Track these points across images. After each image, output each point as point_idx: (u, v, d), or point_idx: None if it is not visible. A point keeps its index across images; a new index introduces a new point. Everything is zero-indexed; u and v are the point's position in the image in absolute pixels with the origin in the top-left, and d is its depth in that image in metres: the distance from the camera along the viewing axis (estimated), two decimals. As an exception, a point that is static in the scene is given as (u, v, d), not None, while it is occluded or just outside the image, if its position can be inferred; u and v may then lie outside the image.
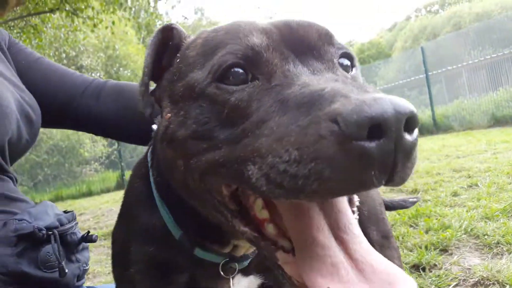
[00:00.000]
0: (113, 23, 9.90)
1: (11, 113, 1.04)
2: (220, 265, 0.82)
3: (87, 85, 1.34)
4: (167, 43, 0.77)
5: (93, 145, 16.56)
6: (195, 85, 0.64)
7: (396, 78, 20.25)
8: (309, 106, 0.51)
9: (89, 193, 12.70)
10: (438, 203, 3.52)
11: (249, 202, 0.64)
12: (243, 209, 0.65)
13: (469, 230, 2.62)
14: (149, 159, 0.89)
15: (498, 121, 11.23)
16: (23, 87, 1.20)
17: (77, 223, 1.19)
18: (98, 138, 15.92)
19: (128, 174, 13.51)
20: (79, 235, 1.17)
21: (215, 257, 0.82)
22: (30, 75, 1.28)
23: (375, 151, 0.45)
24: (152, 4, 11.45)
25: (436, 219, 3.02)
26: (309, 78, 0.57)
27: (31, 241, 0.99)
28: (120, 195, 1.01)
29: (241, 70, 0.60)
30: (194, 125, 0.63)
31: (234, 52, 0.61)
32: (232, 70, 0.61)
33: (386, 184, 0.48)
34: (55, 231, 1.04)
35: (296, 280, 0.55)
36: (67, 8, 8.73)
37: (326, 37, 0.65)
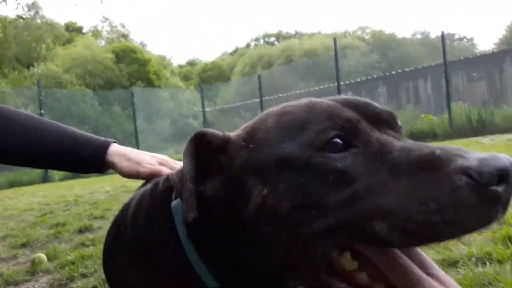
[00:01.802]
0: None
1: None
2: None
3: None
4: (203, 148, 0.79)
5: None
6: (293, 158, 0.68)
7: (234, 100, 21.44)
8: (430, 167, 0.60)
9: None
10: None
11: (333, 256, 0.69)
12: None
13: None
14: (179, 211, 0.87)
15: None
16: None
17: None
18: None
19: None
20: None
21: None
22: None
23: (503, 193, 0.56)
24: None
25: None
26: (401, 144, 0.67)
27: None
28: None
29: (339, 141, 0.67)
30: (300, 195, 0.66)
31: (332, 126, 0.67)
32: (333, 140, 0.67)
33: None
34: None
35: None
36: None
37: (393, 115, 0.77)
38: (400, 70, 18.12)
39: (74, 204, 7.03)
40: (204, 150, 0.79)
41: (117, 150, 1.45)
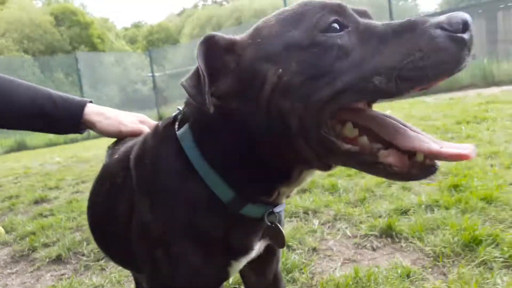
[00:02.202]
0: None
1: None
2: (266, 215, 0.98)
3: None
4: (213, 49, 0.88)
5: None
6: (301, 40, 0.81)
7: (184, 63, 20.84)
8: (409, 29, 0.75)
9: None
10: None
11: (337, 130, 0.84)
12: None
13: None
14: (187, 135, 0.96)
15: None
16: None
17: None
18: None
19: None
20: None
21: (259, 210, 0.97)
22: None
23: (468, 38, 0.71)
24: None
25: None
26: (380, 23, 0.82)
27: None
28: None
29: (337, 25, 0.81)
30: (311, 68, 0.80)
31: (329, 12, 0.82)
32: (332, 24, 0.81)
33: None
34: None
35: (396, 167, 0.79)
36: None
37: (367, 11, 0.91)
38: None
39: (25, 176, 6.79)
40: (214, 52, 0.88)
41: (94, 110, 1.41)
